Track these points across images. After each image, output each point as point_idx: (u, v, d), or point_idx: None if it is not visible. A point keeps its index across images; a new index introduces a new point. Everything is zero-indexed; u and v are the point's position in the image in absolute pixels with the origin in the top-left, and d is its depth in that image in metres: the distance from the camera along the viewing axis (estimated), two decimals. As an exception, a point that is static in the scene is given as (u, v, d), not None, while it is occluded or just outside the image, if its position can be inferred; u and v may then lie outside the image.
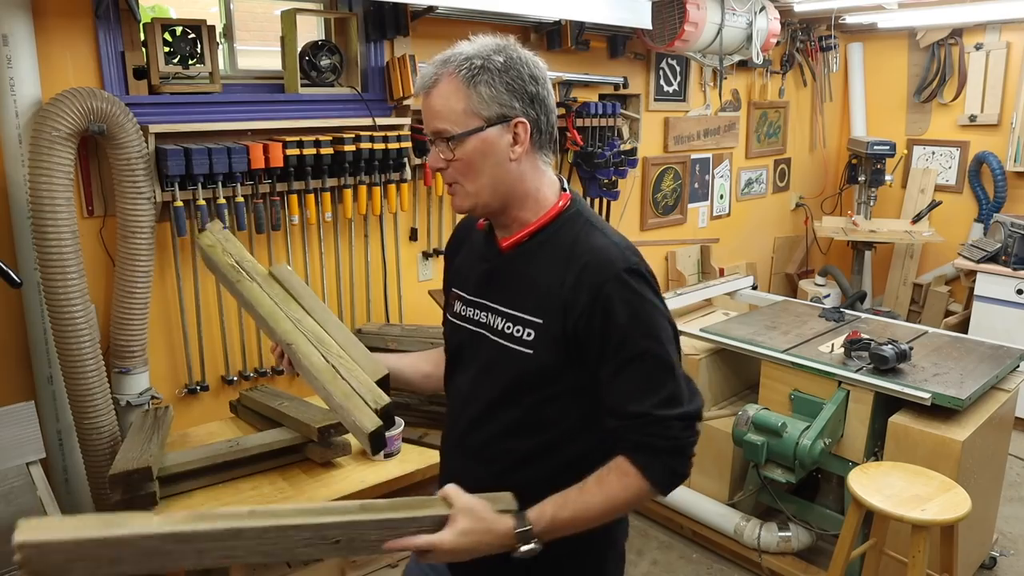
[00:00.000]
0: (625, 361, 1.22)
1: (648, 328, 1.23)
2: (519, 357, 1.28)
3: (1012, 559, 3.09)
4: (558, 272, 1.25)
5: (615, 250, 1.25)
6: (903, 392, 2.58)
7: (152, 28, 2.29)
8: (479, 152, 1.25)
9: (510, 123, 1.24)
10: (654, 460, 1.23)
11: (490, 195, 1.28)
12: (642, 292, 1.23)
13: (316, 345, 1.58)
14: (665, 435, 1.22)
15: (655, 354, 1.23)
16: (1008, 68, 4.67)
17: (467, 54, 1.23)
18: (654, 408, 1.21)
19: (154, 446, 1.92)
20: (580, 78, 3.50)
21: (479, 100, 1.22)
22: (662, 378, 1.23)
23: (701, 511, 3.13)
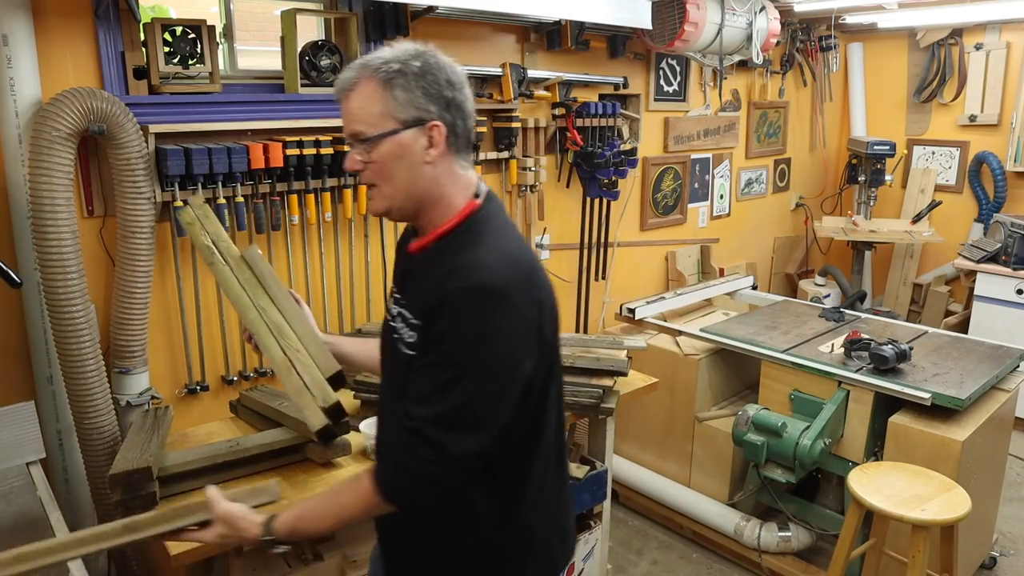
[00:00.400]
0: (428, 364, 1.23)
1: (466, 346, 1.20)
2: (403, 356, 1.31)
3: (1012, 559, 3.09)
4: (437, 279, 1.24)
5: (480, 265, 1.22)
6: (903, 392, 2.58)
7: (152, 28, 2.29)
8: (394, 155, 1.27)
9: (425, 126, 1.26)
10: (383, 467, 1.27)
11: (404, 198, 1.30)
12: (483, 312, 1.19)
13: (277, 337, 1.62)
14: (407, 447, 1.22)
15: (456, 372, 1.20)
16: (1008, 68, 4.67)
17: (385, 58, 1.25)
18: (418, 415, 1.21)
19: (154, 446, 1.92)
20: (580, 78, 3.50)
21: (395, 103, 1.24)
22: (450, 398, 1.20)
23: (701, 511, 3.13)
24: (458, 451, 1.22)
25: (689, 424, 3.20)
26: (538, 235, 3.56)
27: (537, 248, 3.57)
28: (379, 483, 1.26)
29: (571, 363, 2.45)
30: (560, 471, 1.47)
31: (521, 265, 1.27)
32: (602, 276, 3.85)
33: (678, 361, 3.18)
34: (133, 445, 1.91)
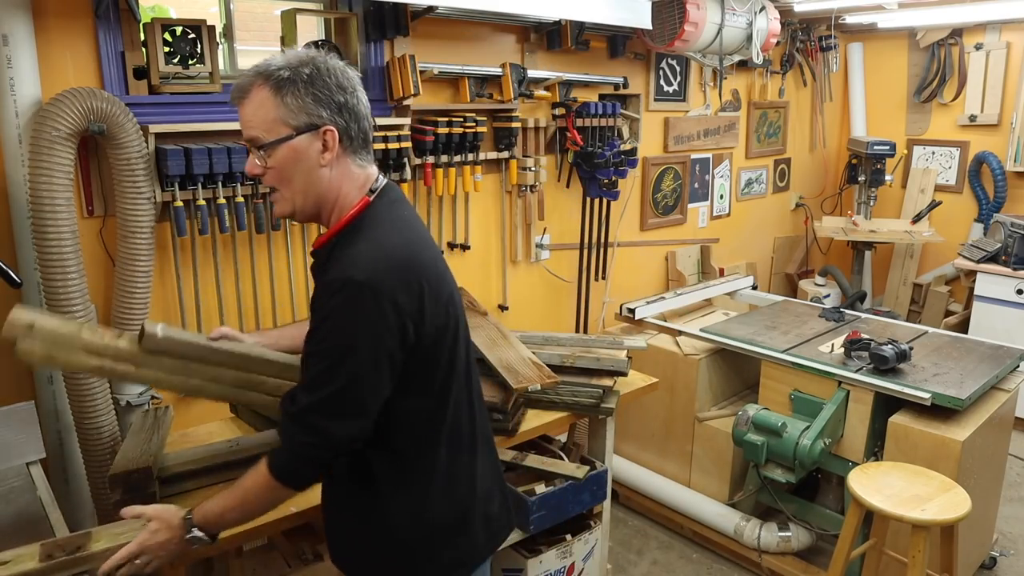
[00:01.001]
0: (308, 353, 1.33)
1: (334, 335, 1.28)
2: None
3: (1012, 559, 3.09)
4: (329, 275, 1.32)
5: (354, 259, 1.29)
6: (903, 392, 2.58)
7: (152, 28, 2.29)
8: (290, 159, 1.32)
9: (319, 131, 1.31)
10: (278, 451, 1.35)
11: (304, 200, 1.37)
12: (348, 302, 1.26)
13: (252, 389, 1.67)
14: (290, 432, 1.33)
15: (328, 361, 1.29)
16: (1008, 68, 4.67)
17: (277, 65, 1.30)
18: (300, 403, 1.31)
19: (154, 446, 1.91)
20: (580, 78, 3.50)
21: (286, 110, 1.29)
22: (327, 386, 1.29)
23: (701, 511, 3.13)
24: (342, 435, 1.32)
25: (689, 424, 3.20)
26: (538, 235, 3.56)
27: (537, 248, 3.57)
28: (272, 468, 1.35)
29: (571, 363, 2.45)
30: (479, 456, 1.53)
31: (394, 257, 1.32)
32: (602, 276, 3.85)
33: (678, 361, 3.18)
34: (133, 445, 1.91)
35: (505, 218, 3.43)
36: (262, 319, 2.66)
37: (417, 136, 2.87)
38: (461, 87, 3.10)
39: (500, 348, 2.43)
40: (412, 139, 2.85)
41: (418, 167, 2.94)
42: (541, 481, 2.31)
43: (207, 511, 1.41)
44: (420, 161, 2.92)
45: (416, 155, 2.90)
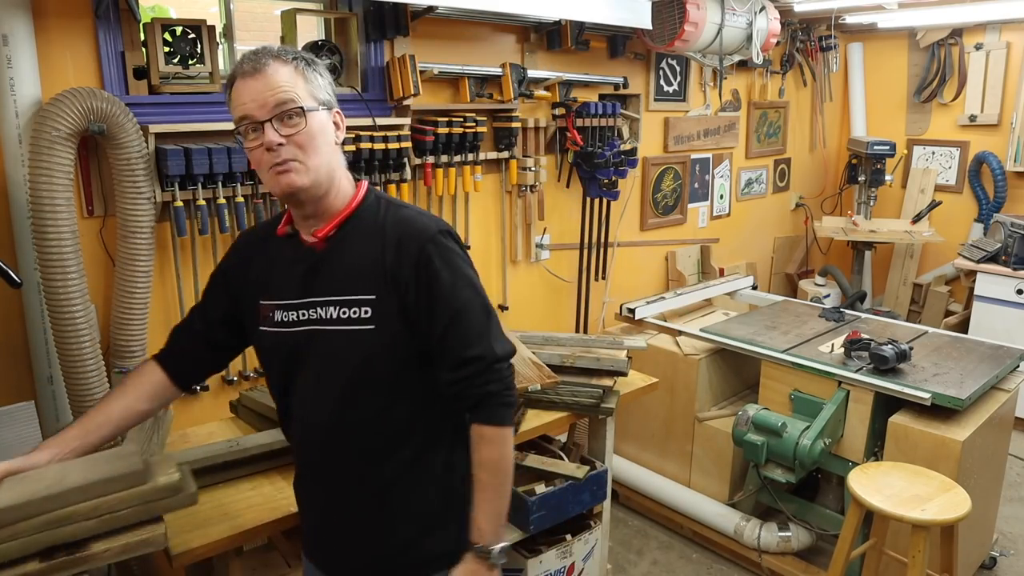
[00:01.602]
0: (456, 312, 1.35)
1: (468, 280, 1.38)
2: (361, 335, 1.36)
3: (1012, 559, 3.09)
4: (376, 250, 1.36)
5: (424, 218, 1.40)
6: (903, 392, 2.58)
7: (152, 28, 2.29)
8: (321, 129, 1.34)
9: (333, 111, 1.39)
10: (496, 406, 1.38)
11: (324, 172, 1.36)
12: (456, 250, 1.39)
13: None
14: (498, 378, 1.37)
15: (479, 303, 1.38)
16: (1008, 68, 4.67)
17: (287, 49, 1.35)
18: (486, 351, 1.36)
19: (154, 446, 1.92)
20: (580, 78, 3.50)
21: (313, 85, 1.35)
22: (486, 323, 1.38)
23: (701, 511, 3.13)
24: (512, 350, 1.42)
25: (689, 424, 3.20)
26: (538, 235, 3.56)
27: (537, 248, 3.57)
28: (504, 419, 1.39)
29: (571, 363, 2.45)
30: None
31: (432, 214, 1.46)
32: (602, 276, 3.85)
33: (678, 361, 3.18)
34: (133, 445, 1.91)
35: (505, 218, 3.43)
36: (262, 319, 2.65)
37: (417, 136, 2.87)
38: (461, 87, 3.10)
39: (500, 348, 2.43)
40: (412, 139, 2.85)
41: (418, 167, 2.94)
42: (541, 481, 2.31)
43: (492, 525, 1.39)
44: (420, 161, 2.92)
45: (416, 155, 2.90)
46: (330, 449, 1.45)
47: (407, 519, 1.45)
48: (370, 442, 1.42)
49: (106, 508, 1.46)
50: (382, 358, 1.37)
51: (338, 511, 1.49)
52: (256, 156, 1.33)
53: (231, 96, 1.35)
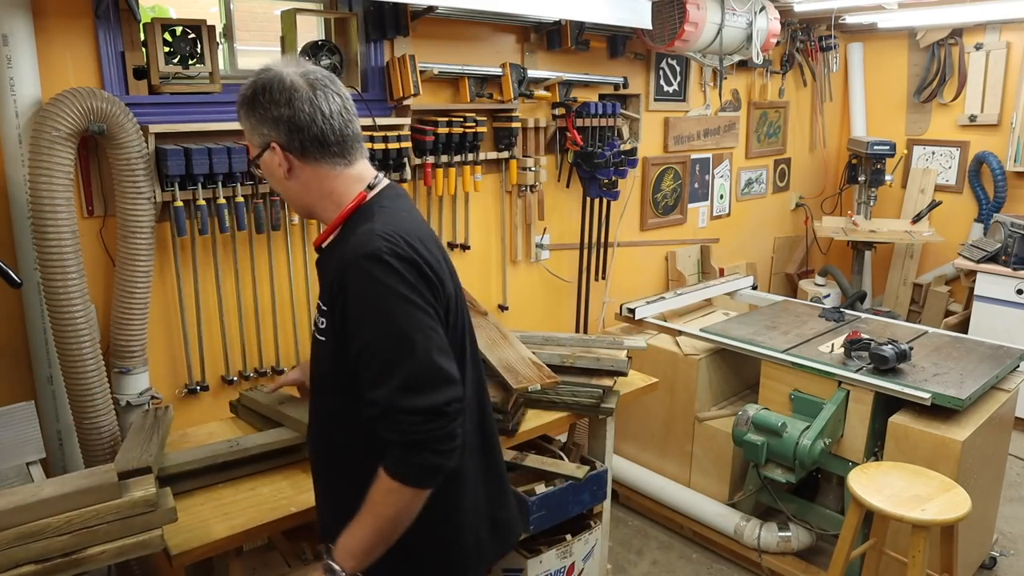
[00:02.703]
0: (361, 348, 1.28)
1: (380, 314, 1.26)
2: (320, 344, 1.41)
3: (1012, 559, 3.09)
4: (333, 263, 1.34)
5: (365, 236, 1.29)
6: (903, 392, 2.58)
7: (152, 28, 2.29)
8: (267, 173, 1.42)
9: (270, 147, 1.37)
10: (393, 457, 1.27)
11: (294, 206, 1.47)
12: (377, 276, 1.25)
13: None
14: (398, 428, 1.25)
15: (386, 342, 1.25)
16: (1008, 68, 4.67)
17: (241, 89, 1.37)
18: (387, 396, 1.24)
19: (154, 446, 1.91)
20: (580, 78, 3.50)
21: (248, 131, 1.39)
22: (394, 366, 1.25)
23: (701, 511, 3.13)
24: (436, 402, 1.25)
25: (689, 424, 3.20)
26: (538, 235, 3.56)
27: (537, 248, 3.57)
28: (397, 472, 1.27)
29: (571, 363, 2.45)
30: (484, 461, 1.53)
31: (397, 230, 1.31)
32: (602, 276, 3.85)
33: (678, 361, 3.18)
34: (133, 445, 1.91)
35: (505, 218, 3.43)
36: (262, 319, 2.66)
37: (417, 136, 2.87)
38: (461, 87, 3.10)
39: (500, 348, 2.43)
40: (412, 139, 2.85)
41: (418, 167, 2.94)
42: (541, 481, 2.31)
43: (355, 552, 1.33)
44: (420, 161, 2.92)
45: (416, 155, 2.90)
46: (310, 438, 1.57)
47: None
48: (319, 447, 1.52)
49: (80, 522, 1.46)
50: (330, 371, 1.41)
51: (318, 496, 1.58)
52: None
53: None
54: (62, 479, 1.54)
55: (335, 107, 1.36)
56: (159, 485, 1.61)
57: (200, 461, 1.94)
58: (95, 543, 1.48)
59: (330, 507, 1.53)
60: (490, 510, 1.53)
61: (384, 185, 1.44)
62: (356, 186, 1.41)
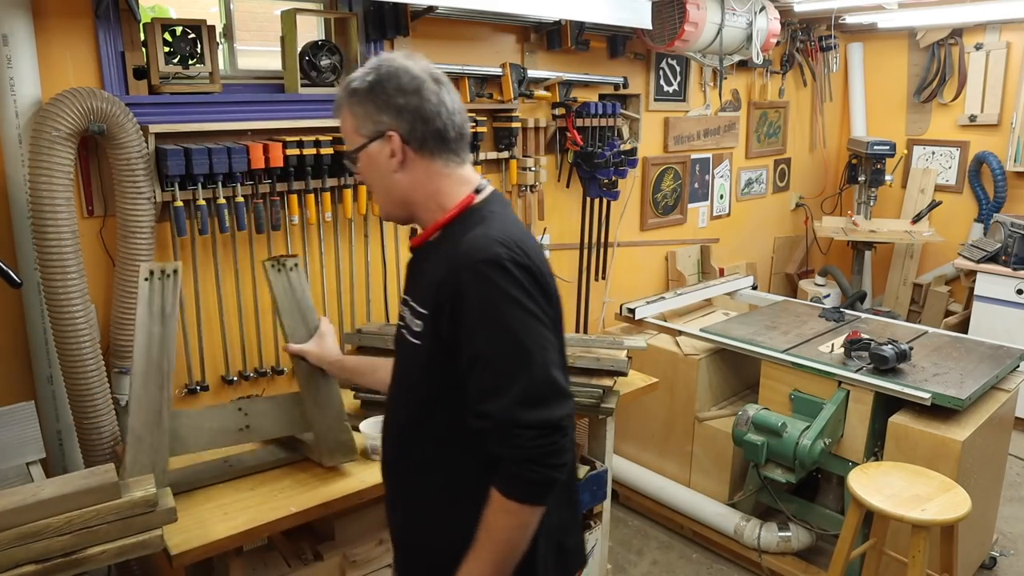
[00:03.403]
0: (475, 357, 1.22)
1: (499, 323, 1.20)
2: (413, 350, 1.34)
3: (1012, 559, 3.09)
4: (440, 264, 1.28)
5: (482, 241, 1.23)
6: (903, 392, 2.58)
7: (152, 28, 2.29)
8: (369, 167, 1.36)
9: (385, 137, 1.31)
10: (507, 475, 1.22)
11: (391, 204, 1.39)
12: (498, 283, 1.19)
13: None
14: (513, 443, 1.19)
15: (504, 353, 1.20)
16: (1008, 68, 4.67)
17: (352, 77, 1.34)
18: (499, 412, 1.19)
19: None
20: (580, 78, 3.50)
21: (357, 120, 1.33)
22: (512, 378, 1.19)
23: (701, 511, 3.13)
24: (554, 417, 1.20)
25: (689, 424, 3.20)
26: (538, 235, 3.56)
27: (537, 248, 3.56)
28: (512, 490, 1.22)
29: (571, 363, 2.45)
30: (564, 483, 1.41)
31: (513, 237, 1.26)
32: (602, 276, 3.85)
33: (678, 361, 3.18)
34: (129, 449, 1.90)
35: (505, 218, 3.42)
36: (262, 319, 2.66)
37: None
38: (461, 87, 3.10)
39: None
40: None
41: (418, 167, 2.94)
42: (541, 481, 2.30)
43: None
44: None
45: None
46: (386, 446, 1.47)
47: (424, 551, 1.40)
48: (399, 458, 1.43)
49: (80, 522, 1.46)
50: (419, 376, 1.34)
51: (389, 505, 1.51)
52: None
53: None
54: (62, 479, 1.54)
55: (457, 103, 1.34)
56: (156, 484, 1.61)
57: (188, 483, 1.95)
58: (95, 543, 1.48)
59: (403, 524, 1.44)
60: (560, 536, 1.42)
61: (491, 191, 1.39)
62: (463, 188, 1.36)
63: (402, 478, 1.44)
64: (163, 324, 1.85)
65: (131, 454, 1.82)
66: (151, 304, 1.84)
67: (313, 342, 1.98)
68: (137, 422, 1.83)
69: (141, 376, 1.84)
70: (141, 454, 1.83)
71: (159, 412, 1.86)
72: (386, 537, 2.29)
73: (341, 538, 2.21)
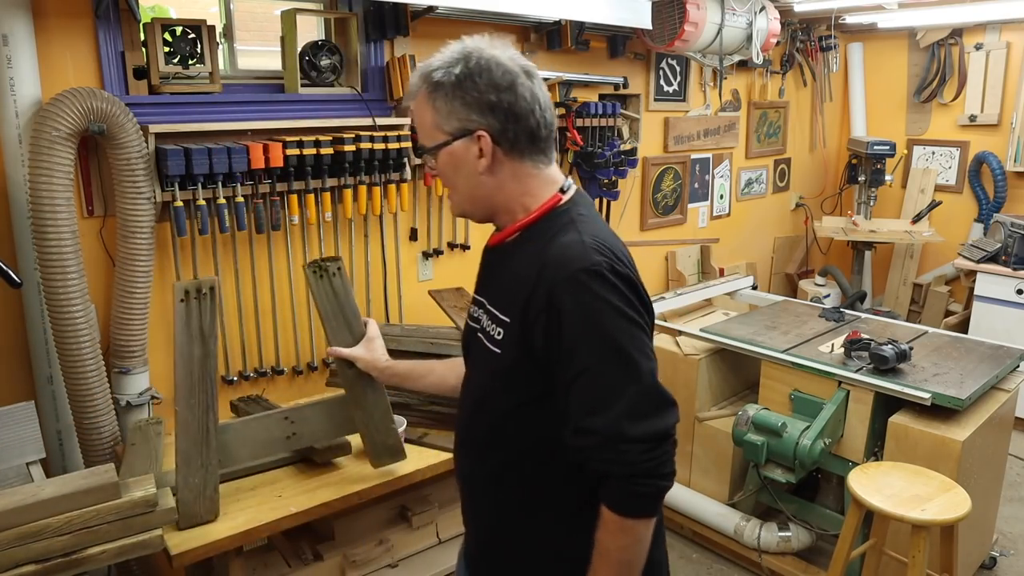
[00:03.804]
0: (578, 371, 1.14)
1: (603, 335, 1.14)
2: (491, 357, 1.25)
3: (1012, 559, 3.09)
4: (527, 270, 1.19)
5: (579, 248, 1.16)
6: (903, 392, 2.58)
7: (152, 28, 2.29)
8: (450, 165, 1.25)
9: (473, 136, 1.21)
10: (617, 491, 1.16)
11: (471, 204, 1.29)
12: (598, 293, 1.13)
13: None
14: (622, 459, 1.13)
15: (610, 365, 1.14)
16: (1008, 68, 4.67)
17: (434, 66, 1.22)
18: (606, 427, 1.13)
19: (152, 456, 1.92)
20: (580, 78, 3.50)
21: (439, 115, 1.22)
22: (619, 391, 1.14)
23: (701, 511, 3.13)
24: (661, 428, 1.16)
25: (689, 424, 3.20)
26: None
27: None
28: (626, 508, 1.17)
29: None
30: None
31: (607, 243, 1.20)
32: (602, 276, 3.85)
33: (678, 361, 3.18)
34: None
35: (505, 218, 3.42)
36: (262, 319, 2.66)
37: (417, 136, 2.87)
38: (461, 87, 3.10)
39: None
40: (412, 139, 2.85)
41: (418, 167, 2.94)
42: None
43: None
44: (420, 161, 2.91)
45: (416, 155, 2.90)
46: (461, 454, 1.39)
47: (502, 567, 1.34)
48: (484, 465, 1.33)
49: (80, 522, 1.46)
50: (498, 385, 1.26)
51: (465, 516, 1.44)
52: None
53: None
54: (62, 479, 1.55)
55: (547, 98, 1.25)
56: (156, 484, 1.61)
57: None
58: (95, 543, 1.48)
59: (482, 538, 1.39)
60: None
61: (576, 190, 1.31)
62: (550, 188, 1.28)
63: (482, 490, 1.36)
64: (203, 344, 1.82)
65: (181, 476, 1.80)
66: (189, 325, 1.80)
67: (362, 347, 1.87)
68: (185, 444, 1.81)
69: (185, 399, 1.81)
70: (192, 476, 1.80)
71: (207, 432, 1.84)
72: (386, 537, 2.29)
73: (341, 538, 2.22)
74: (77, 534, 1.46)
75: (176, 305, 1.77)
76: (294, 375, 2.79)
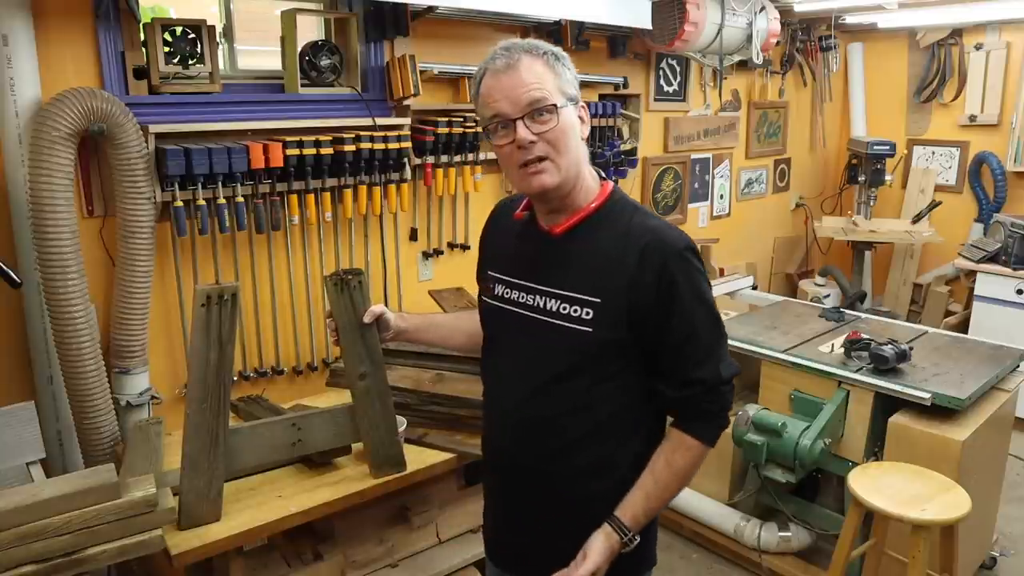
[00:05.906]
0: (688, 334, 1.35)
1: (704, 300, 1.36)
2: (576, 336, 1.35)
3: (1012, 559, 3.09)
4: (618, 253, 1.34)
5: (672, 231, 1.39)
6: (903, 392, 2.58)
7: (152, 28, 2.29)
8: (571, 125, 1.34)
9: (578, 105, 1.36)
10: (709, 425, 1.41)
11: (572, 172, 1.36)
12: (698, 267, 1.36)
13: None
14: (720, 400, 1.39)
15: (712, 323, 1.37)
16: (1008, 68, 4.67)
17: (535, 43, 1.34)
18: (712, 374, 1.36)
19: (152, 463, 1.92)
20: (580, 78, 3.49)
21: (562, 80, 1.33)
22: (717, 344, 1.38)
23: (701, 511, 3.13)
24: (736, 371, 1.41)
25: (689, 424, 3.20)
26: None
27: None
28: (709, 438, 1.43)
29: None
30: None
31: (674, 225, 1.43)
32: (602, 276, 3.85)
33: (678, 361, 3.17)
34: None
35: (505, 218, 3.42)
36: (262, 319, 2.66)
37: (417, 136, 2.87)
38: (461, 87, 3.10)
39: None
40: (412, 139, 2.85)
41: (418, 167, 2.94)
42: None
43: (647, 515, 1.44)
44: (420, 161, 2.92)
45: (416, 155, 2.90)
46: (520, 437, 1.46)
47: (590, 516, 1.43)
48: (560, 439, 1.42)
49: (80, 522, 1.46)
50: (591, 361, 1.37)
51: (520, 504, 1.52)
52: (505, 153, 1.33)
53: (480, 92, 1.34)
54: (62, 479, 1.55)
55: None
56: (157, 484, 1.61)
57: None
58: (95, 543, 1.48)
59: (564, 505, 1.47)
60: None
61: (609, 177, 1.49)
62: (594, 175, 1.44)
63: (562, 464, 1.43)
64: (220, 350, 1.80)
65: (187, 479, 1.80)
66: (208, 331, 1.77)
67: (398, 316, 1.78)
68: (193, 448, 1.80)
69: (197, 403, 1.80)
70: (197, 479, 1.80)
71: (216, 437, 1.82)
72: (386, 537, 2.29)
73: (341, 538, 2.21)
74: (77, 534, 1.46)
75: (196, 310, 1.75)
76: (294, 375, 2.79)
